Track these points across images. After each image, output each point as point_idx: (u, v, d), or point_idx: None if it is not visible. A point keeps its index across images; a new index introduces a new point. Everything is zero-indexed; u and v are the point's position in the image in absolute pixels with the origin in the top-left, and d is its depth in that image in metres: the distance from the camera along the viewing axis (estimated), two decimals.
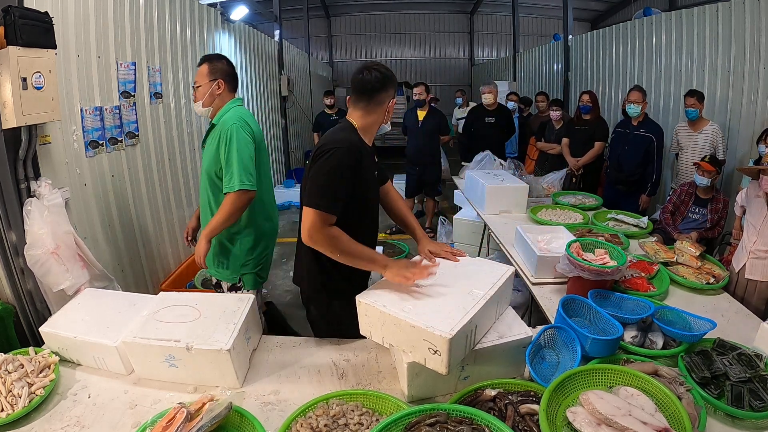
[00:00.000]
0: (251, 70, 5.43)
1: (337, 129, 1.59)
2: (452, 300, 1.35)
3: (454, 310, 1.28)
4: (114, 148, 2.64)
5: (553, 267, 2.13)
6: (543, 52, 8.35)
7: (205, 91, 2.03)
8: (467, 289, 1.40)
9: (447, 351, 1.19)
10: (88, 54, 2.41)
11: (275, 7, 7.43)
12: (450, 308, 1.30)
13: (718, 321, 1.56)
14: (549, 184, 3.81)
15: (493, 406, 1.22)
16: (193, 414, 1.18)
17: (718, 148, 3.55)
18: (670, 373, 1.32)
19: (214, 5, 4.27)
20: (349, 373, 1.49)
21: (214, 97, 2.04)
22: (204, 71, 2.03)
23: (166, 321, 1.51)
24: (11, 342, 1.81)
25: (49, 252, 1.79)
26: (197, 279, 3.30)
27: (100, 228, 2.49)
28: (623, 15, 11.42)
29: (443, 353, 1.20)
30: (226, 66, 2.07)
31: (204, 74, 2.03)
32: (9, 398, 1.31)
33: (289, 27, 10.63)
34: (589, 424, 1.10)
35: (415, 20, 13.74)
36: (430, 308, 1.31)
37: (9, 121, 1.69)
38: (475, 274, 1.50)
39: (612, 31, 5.80)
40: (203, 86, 2.03)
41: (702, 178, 2.93)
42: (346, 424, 1.20)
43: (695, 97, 3.55)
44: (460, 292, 1.39)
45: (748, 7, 3.67)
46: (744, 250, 2.20)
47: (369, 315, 1.38)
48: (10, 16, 1.62)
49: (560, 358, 1.48)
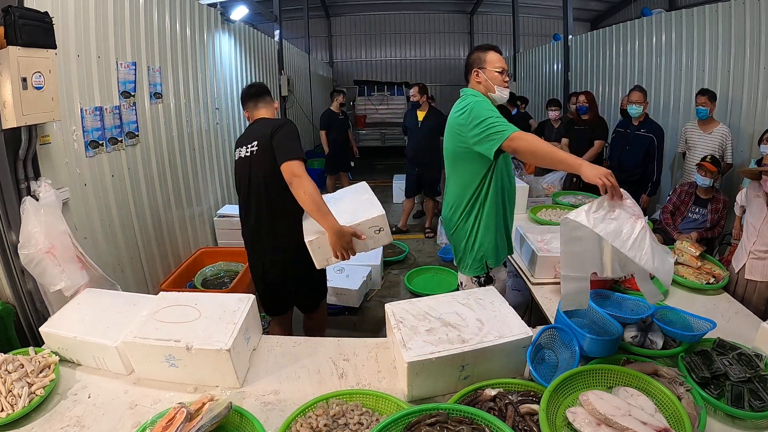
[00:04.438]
0: (251, 70, 5.43)
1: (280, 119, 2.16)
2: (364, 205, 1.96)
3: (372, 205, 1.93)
4: (114, 148, 2.64)
5: (553, 267, 2.13)
6: (543, 52, 8.35)
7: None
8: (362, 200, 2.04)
9: (386, 224, 1.86)
10: (88, 54, 2.41)
11: (275, 7, 7.43)
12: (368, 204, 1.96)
13: (718, 321, 1.56)
14: (549, 184, 3.81)
15: (493, 406, 1.22)
16: (193, 414, 1.18)
17: (727, 150, 3.54)
18: (670, 373, 1.32)
19: (214, 5, 4.27)
20: (349, 373, 1.49)
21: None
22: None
23: (166, 321, 1.51)
24: (11, 342, 1.81)
25: (43, 252, 1.77)
26: (197, 279, 3.30)
27: (100, 228, 2.49)
28: (623, 15, 11.42)
29: (385, 227, 1.86)
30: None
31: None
32: (9, 398, 1.31)
33: (289, 27, 10.63)
34: (589, 424, 1.10)
35: (415, 20, 13.74)
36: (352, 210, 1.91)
37: (9, 121, 1.69)
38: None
39: (612, 31, 5.80)
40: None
41: (704, 178, 2.93)
42: (346, 424, 1.20)
43: (707, 95, 3.54)
44: (360, 201, 2.02)
45: (748, 7, 3.67)
46: (744, 251, 2.20)
47: (321, 247, 1.83)
48: (10, 16, 1.62)
49: (560, 359, 1.48)
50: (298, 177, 1.82)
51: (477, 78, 1.94)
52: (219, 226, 4.00)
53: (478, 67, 1.94)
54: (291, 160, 1.85)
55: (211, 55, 4.13)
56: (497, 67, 1.92)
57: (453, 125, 1.91)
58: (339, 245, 1.80)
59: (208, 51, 4.07)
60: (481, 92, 1.92)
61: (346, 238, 1.80)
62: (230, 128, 4.59)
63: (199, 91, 3.83)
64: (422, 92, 4.90)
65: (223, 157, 4.38)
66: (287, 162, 1.85)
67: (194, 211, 3.68)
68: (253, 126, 2.17)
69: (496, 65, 1.92)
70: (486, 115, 1.75)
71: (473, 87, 1.97)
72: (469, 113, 1.80)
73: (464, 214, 1.97)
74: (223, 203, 4.29)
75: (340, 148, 6.17)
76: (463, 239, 2.02)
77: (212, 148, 4.10)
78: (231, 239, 3.94)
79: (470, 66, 1.98)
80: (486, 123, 1.73)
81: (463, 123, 1.82)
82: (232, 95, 4.68)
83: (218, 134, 4.27)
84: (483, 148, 1.75)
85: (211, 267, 3.46)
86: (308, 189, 1.80)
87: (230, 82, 4.65)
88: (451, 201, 2.02)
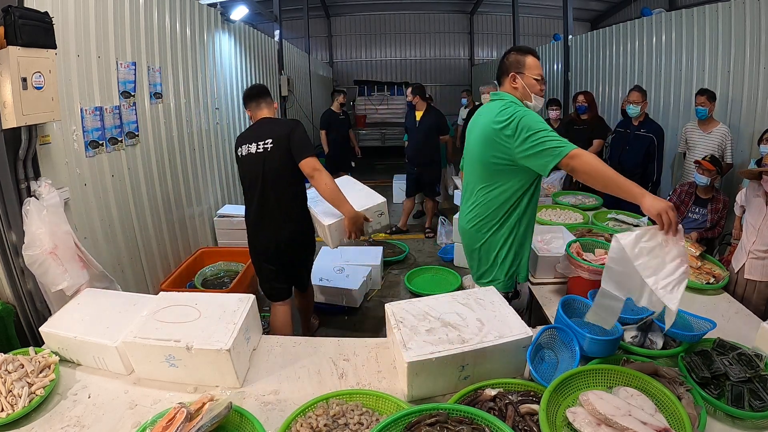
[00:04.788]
0: (251, 70, 5.42)
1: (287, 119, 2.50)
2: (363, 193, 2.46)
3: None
4: (114, 148, 2.64)
5: (553, 267, 2.13)
6: (543, 52, 8.33)
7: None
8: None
9: (386, 208, 2.40)
10: (88, 54, 2.41)
11: (275, 7, 7.43)
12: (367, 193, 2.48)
13: (718, 321, 1.56)
14: (549, 184, 3.81)
15: (493, 406, 1.22)
16: (193, 414, 1.18)
17: (726, 150, 3.54)
18: (670, 373, 1.32)
19: (214, 5, 4.27)
20: (349, 373, 1.49)
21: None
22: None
23: (166, 321, 1.51)
24: (11, 342, 1.81)
25: (47, 252, 1.79)
26: (197, 279, 3.30)
27: (100, 228, 2.49)
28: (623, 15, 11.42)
29: (385, 211, 2.38)
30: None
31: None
32: (9, 398, 1.31)
33: (289, 27, 10.63)
34: (589, 424, 1.10)
35: (415, 20, 13.74)
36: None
37: (9, 121, 1.69)
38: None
39: (612, 31, 5.79)
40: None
41: (701, 176, 2.93)
42: (346, 424, 1.20)
43: (706, 95, 3.53)
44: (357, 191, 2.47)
45: (748, 7, 3.67)
46: (743, 250, 2.20)
47: (338, 230, 2.25)
48: (10, 16, 1.62)
49: (560, 359, 1.48)
50: (318, 171, 2.20)
51: (514, 83, 1.82)
52: (219, 226, 3.99)
53: (517, 71, 1.81)
54: (309, 156, 2.22)
55: (211, 55, 4.13)
56: (536, 74, 1.81)
57: (490, 134, 1.75)
58: (354, 227, 2.23)
59: (208, 51, 4.07)
60: (516, 98, 1.80)
61: (359, 221, 2.23)
62: (230, 128, 4.58)
63: (199, 91, 3.83)
64: (415, 93, 4.90)
65: (223, 157, 4.38)
66: (307, 158, 2.21)
67: (194, 211, 3.68)
68: (262, 125, 2.38)
69: (534, 72, 1.81)
70: (538, 128, 1.63)
71: (508, 91, 1.83)
72: (517, 124, 1.66)
73: (495, 228, 1.86)
74: (223, 203, 4.28)
75: (341, 148, 6.17)
76: (491, 253, 1.91)
77: (212, 148, 4.10)
78: (231, 239, 3.94)
79: (507, 68, 1.84)
80: (539, 137, 1.61)
81: (509, 134, 1.68)
82: (232, 95, 4.68)
83: (218, 134, 4.27)
84: (535, 164, 1.64)
85: (211, 267, 3.46)
86: (327, 181, 2.21)
87: (230, 82, 4.65)
88: (478, 212, 1.89)
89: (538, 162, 1.64)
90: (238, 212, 3.99)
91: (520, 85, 1.81)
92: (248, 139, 2.35)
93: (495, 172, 1.80)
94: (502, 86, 1.88)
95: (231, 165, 4.56)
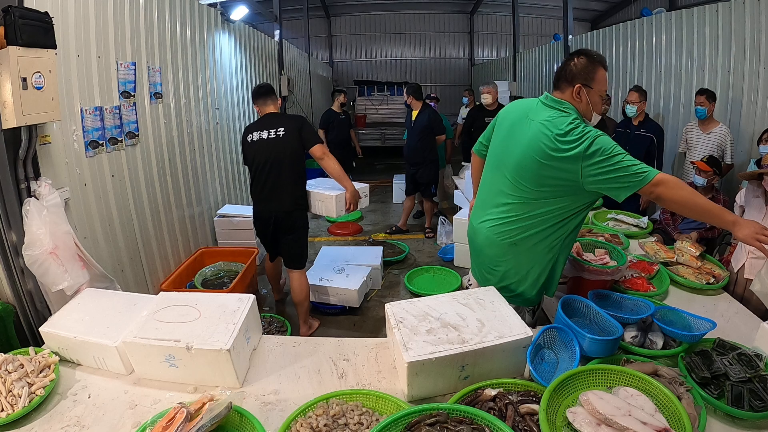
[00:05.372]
0: (251, 70, 5.42)
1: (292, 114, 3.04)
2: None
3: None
4: (114, 148, 2.63)
5: None
6: (543, 52, 8.35)
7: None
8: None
9: (367, 193, 3.21)
10: (88, 54, 2.41)
11: (275, 7, 7.43)
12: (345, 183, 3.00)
13: (718, 321, 1.56)
14: None
15: (493, 406, 1.22)
16: (193, 414, 1.18)
17: (726, 151, 3.54)
18: (670, 373, 1.32)
19: (214, 5, 4.27)
20: (349, 373, 1.49)
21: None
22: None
23: (166, 321, 1.51)
24: (11, 342, 1.81)
25: (48, 252, 1.79)
26: (197, 279, 3.30)
27: (100, 228, 2.49)
28: (623, 15, 11.43)
29: (366, 194, 3.23)
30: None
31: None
32: (9, 398, 1.31)
33: (289, 27, 10.64)
34: (589, 424, 1.10)
35: (415, 20, 13.74)
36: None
37: (9, 121, 1.69)
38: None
39: (612, 31, 5.79)
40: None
41: (699, 177, 2.93)
42: (346, 424, 1.20)
43: (705, 95, 3.53)
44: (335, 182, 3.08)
45: (748, 7, 3.67)
46: (743, 250, 2.19)
47: (340, 201, 2.97)
48: (10, 16, 1.62)
49: (560, 359, 1.48)
50: (327, 155, 2.88)
51: (578, 95, 1.61)
52: (219, 226, 3.99)
53: (584, 83, 1.61)
54: (318, 143, 2.85)
55: (211, 55, 4.13)
56: (602, 91, 1.64)
57: (549, 148, 1.54)
58: (354, 199, 2.99)
59: (208, 51, 4.07)
60: (578, 110, 1.62)
61: (357, 194, 3.02)
62: (230, 128, 4.58)
63: (199, 91, 3.83)
64: (409, 93, 4.96)
65: (223, 157, 4.37)
66: (317, 145, 2.83)
67: (194, 211, 3.68)
68: (270, 118, 2.90)
69: (602, 88, 1.63)
70: (616, 152, 1.46)
71: (569, 101, 1.63)
72: (589, 145, 1.47)
73: (534, 243, 1.70)
74: (223, 203, 4.28)
75: (342, 148, 6.17)
76: (523, 268, 1.76)
77: (212, 148, 4.10)
78: (231, 239, 3.94)
79: (573, 76, 1.62)
80: (619, 163, 1.45)
81: (576, 155, 1.48)
82: (232, 95, 4.68)
83: (218, 134, 4.27)
84: (609, 190, 1.50)
85: (211, 267, 3.46)
86: (334, 163, 2.89)
87: (230, 82, 4.65)
88: (513, 224, 1.70)
89: (612, 187, 1.49)
90: (238, 212, 3.99)
91: (585, 99, 1.62)
92: (259, 127, 2.86)
93: (545, 188, 1.60)
94: (561, 93, 1.65)
95: (231, 165, 4.55)
